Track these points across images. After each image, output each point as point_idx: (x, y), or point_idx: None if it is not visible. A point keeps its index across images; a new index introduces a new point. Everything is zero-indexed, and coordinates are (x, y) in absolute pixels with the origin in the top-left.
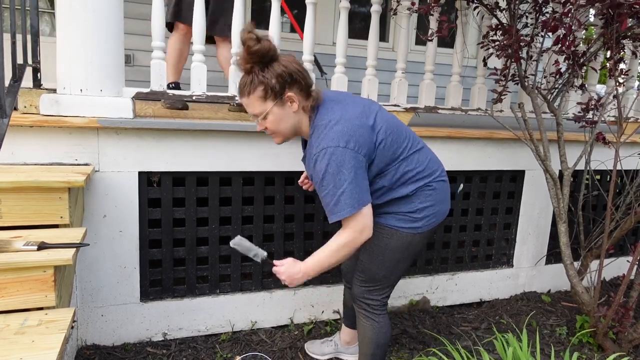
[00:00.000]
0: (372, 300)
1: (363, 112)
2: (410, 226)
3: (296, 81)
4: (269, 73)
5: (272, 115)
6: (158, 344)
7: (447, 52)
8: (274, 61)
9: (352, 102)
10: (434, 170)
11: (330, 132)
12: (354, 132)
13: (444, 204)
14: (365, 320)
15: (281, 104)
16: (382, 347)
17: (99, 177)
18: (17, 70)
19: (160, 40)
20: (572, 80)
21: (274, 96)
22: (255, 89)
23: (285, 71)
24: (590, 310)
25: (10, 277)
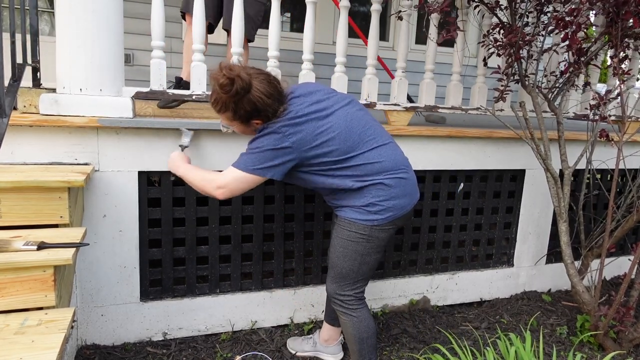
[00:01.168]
0: (345, 295)
1: (319, 106)
2: (366, 218)
3: (262, 113)
4: (239, 106)
5: (237, 128)
6: (158, 344)
7: (447, 52)
8: (246, 94)
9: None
10: (388, 168)
11: (278, 120)
12: (295, 123)
13: (402, 198)
14: (343, 317)
15: (247, 125)
16: (366, 341)
17: (99, 177)
18: (16, 69)
19: (160, 40)
20: (573, 79)
21: (240, 121)
22: (225, 111)
23: (254, 107)
24: (590, 309)
25: (10, 277)
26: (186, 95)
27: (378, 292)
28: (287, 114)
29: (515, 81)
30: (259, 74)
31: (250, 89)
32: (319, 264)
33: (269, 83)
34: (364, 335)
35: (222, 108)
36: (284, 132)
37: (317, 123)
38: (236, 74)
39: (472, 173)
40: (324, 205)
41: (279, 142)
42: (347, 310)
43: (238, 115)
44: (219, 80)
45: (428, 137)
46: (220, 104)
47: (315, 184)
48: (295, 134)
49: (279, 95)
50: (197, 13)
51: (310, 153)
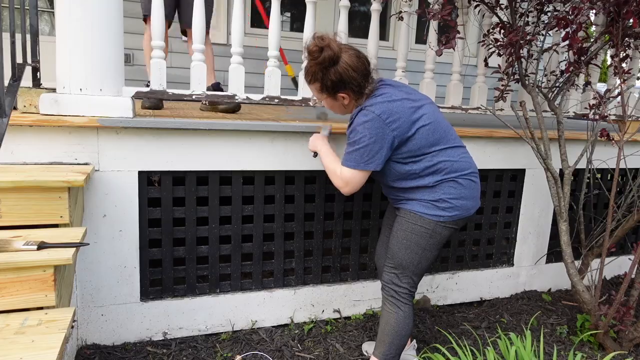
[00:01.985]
0: (399, 287)
1: (410, 96)
2: (433, 213)
3: (347, 85)
4: (326, 76)
5: (326, 102)
6: (158, 344)
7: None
8: (334, 65)
9: (404, 88)
10: (464, 168)
11: (372, 100)
12: (391, 107)
13: (469, 200)
14: (390, 307)
15: (334, 98)
16: (402, 338)
17: (99, 177)
18: (16, 69)
19: (160, 40)
20: (573, 79)
21: (328, 93)
22: (314, 83)
23: (340, 79)
24: (591, 309)
25: (10, 277)
26: (186, 95)
27: (378, 292)
28: (382, 95)
29: (516, 80)
30: (349, 49)
31: (338, 60)
32: (319, 263)
33: (358, 58)
34: (403, 331)
35: (311, 78)
36: (384, 119)
37: (411, 110)
38: (326, 44)
39: None
40: (324, 205)
41: (381, 131)
42: (397, 301)
43: (325, 86)
44: (310, 48)
45: None
46: (310, 75)
47: (394, 172)
48: (395, 121)
49: (365, 72)
50: (196, 15)
51: (406, 140)
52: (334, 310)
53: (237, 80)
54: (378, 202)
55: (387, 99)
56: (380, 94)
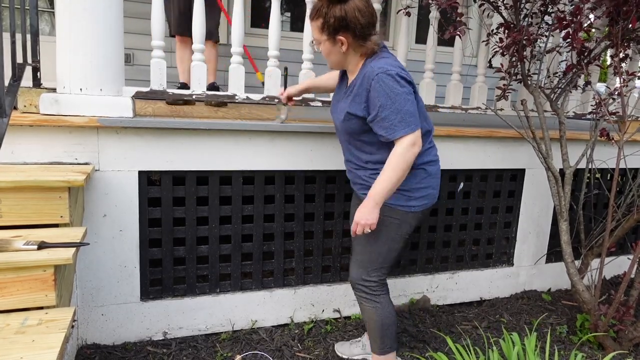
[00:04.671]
0: (370, 281)
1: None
2: (403, 204)
3: (350, 28)
4: (331, 11)
5: (324, 46)
6: (158, 343)
7: (447, 51)
8: (341, 2)
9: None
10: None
11: (387, 61)
12: (404, 69)
13: (435, 189)
14: (367, 304)
15: (333, 42)
16: (389, 328)
17: (99, 177)
18: (16, 69)
19: (160, 40)
20: (575, 80)
21: (328, 32)
22: (317, 19)
23: (344, 17)
24: (590, 308)
25: (10, 277)
26: (186, 95)
27: None
28: (392, 58)
29: (518, 81)
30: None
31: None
32: (319, 263)
33: (367, 2)
34: (387, 321)
35: (316, 14)
36: (403, 75)
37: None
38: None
39: (472, 172)
40: (324, 205)
41: (406, 84)
42: (371, 296)
43: (327, 23)
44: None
45: None
46: (316, 9)
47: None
48: (407, 73)
49: (371, 20)
50: (196, 17)
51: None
52: (334, 310)
53: (237, 80)
54: None
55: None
56: (390, 56)
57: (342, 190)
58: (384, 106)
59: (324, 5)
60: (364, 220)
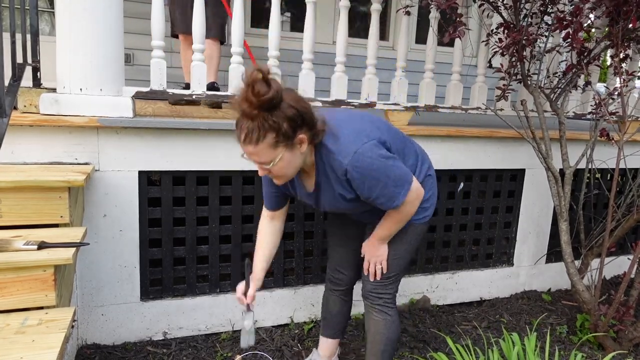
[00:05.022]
0: (386, 294)
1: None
2: (423, 216)
3: (305, 120)
4: (279, 117)
5: (281, 162)
6: (158, 343)
7: (447, 51)
8: (281, 102)
9: (352, 116)
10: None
11: (349, 139)
12: (369, 128)
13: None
14: (378, 315)
15: (291, 148)
16: (392, 344)
17: (99, 177)
18: (16, 69)
19: (160, 39)
20: (575, 80)
21: (285, 141)
22: (265, 136)
23: (296, 113)
24: (590, 308)
25: (10, 277)
26: (186, 95)
27: None
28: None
29: (518, 81)
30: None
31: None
32: (319, 263)
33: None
34: (393, 336)
35: (260, 134)
36: (370, 144)
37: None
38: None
39: (472, 172)
40: None
41: (379, 148)
42: (384, 308)
43: (280, 133)
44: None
45: (428, 136)
46: (255, 131)
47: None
48: (373, 133)
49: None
50: (196, 16)
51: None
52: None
53: (237, 80)
54: None
55: (352, 126)
56: (341, 127)
57: None
58: (373, 188)
59: (265, 118)
60: (377, 258)
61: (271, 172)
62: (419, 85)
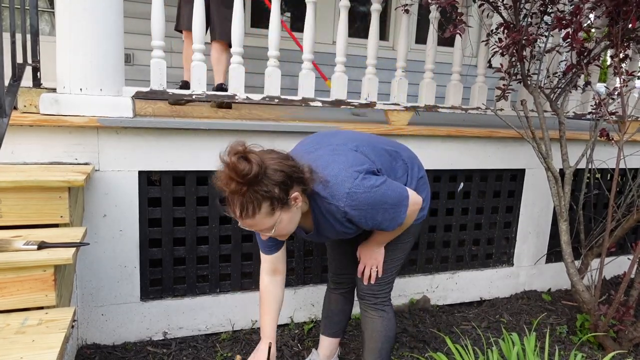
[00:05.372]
0: (381, 292)
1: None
2: (417, 216)
3: (294, 178)
4: (268, 185)
5: (281, 224)
6: (158, 343)
7: (447, 51)
8: (266, 170)
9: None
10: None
11: (338, 180)
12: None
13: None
14: (374, 312)
15: (287, 208)
16: (390, 341)
17: (99, 177)
18: (16, 69)
19: (160, 40)
20: (575, 80)
21: (280, 205)
22: (260, 207)
23: (284, 175)
24: (590, 308)
25: (10, 277)
26: (186, 95)
27: None
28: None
29: (518, 81)
30: (263, 153)
31: (266, 162)
32: (319, 263)
33: (272, 151)
34: (390, 333)
35: (255, 206)
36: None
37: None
38: (245, 156)
39: (472, 172)
40: None
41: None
42: (380, 306)
43: (274, 199)
44: (237, 169)
45: (428, 136)
46: (251, 203)
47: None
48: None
49: (288, 158)
50: (196, 16)
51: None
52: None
53: (237, 80)
54: None
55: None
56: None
57: None
58: (375, 217)
59: (254, 191)
60: (373, 261)
61: (279, 231)
62: (419, 85)
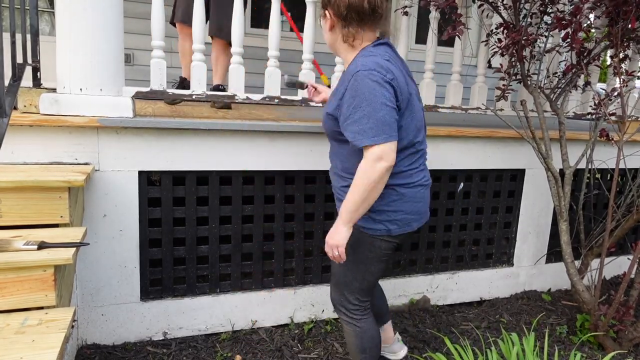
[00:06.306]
0: (348, 303)
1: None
2: (369, 226)
3: (331, 3)
4: None
5: (325, 32)
6: (158, 343)
7: (447, 51)
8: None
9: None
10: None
11: (375, 59)
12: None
13: (411, 214)
14: (347, 326)
15: (324, 16)
16: (369, 352)
17: (99, 177)
18: (16, 69)
19: (161, 40)
20: (575, 80)
21: (322, 5)
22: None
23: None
24: (590, 308)
25: (10, 277)
26: (186, 95)
27: None
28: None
29: (518, 81)
30: None
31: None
32: (319, 263)
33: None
34: (367, 345)
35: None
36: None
37: (405, 84)
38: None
39: (472, 173)
40: (324, 205)
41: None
42: (350, 319)
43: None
44: None
45: (428, 136)
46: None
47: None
48: (394, 77)
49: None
50: (197, 15)
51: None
52: (334, 310)
53: (237, 80)
54: None
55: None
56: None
57: None
58: (357, 107)
59: None
60: (332, 241)
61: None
62: (419, 85)
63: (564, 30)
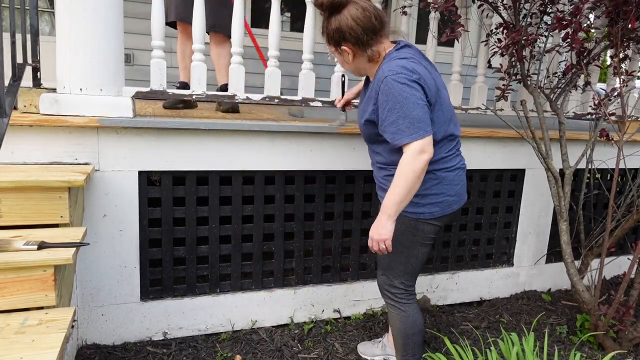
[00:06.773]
0: (394, 287)
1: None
2: (413, 211)
3: (347, 38)
4: (329, 25)
5: (337, 57)
6: (158, 343)
7: (447, 51)
8: (339, 11)
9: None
10: (454, 162)
11: (399, 63)
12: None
13: (451, 195)
14: (392, 310)
15: (340, 52)
16: (412, 337)
17: (99, 177)
18: (16, 69)
19: (160, 40)
20: (575, 80)
21: (333, 45)
22: (323, 34)
23: (338, 28)
24: (590, 308)
25: (10, 277)
26: (186, 95)
27: (378, 292)
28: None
29: (518, 81)
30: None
31: (341, 9)
32: (319, 263)
33: (364, 11)
34: (410, 331)
35: (322, 30)
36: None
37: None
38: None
39: (472, 172)
40: (324, 205)
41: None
42: (396, 303)
43: (329, 37)
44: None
45: None
46: (322, 26)
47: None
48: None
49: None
50: (197, 14)
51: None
52: (334, 310)
53: (237, 80)
54: (377, 202)
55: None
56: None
57: (342, 190)
58: (392, 110)
59: (325, 19)
60: (377, 236)
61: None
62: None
63: (564, 30)
